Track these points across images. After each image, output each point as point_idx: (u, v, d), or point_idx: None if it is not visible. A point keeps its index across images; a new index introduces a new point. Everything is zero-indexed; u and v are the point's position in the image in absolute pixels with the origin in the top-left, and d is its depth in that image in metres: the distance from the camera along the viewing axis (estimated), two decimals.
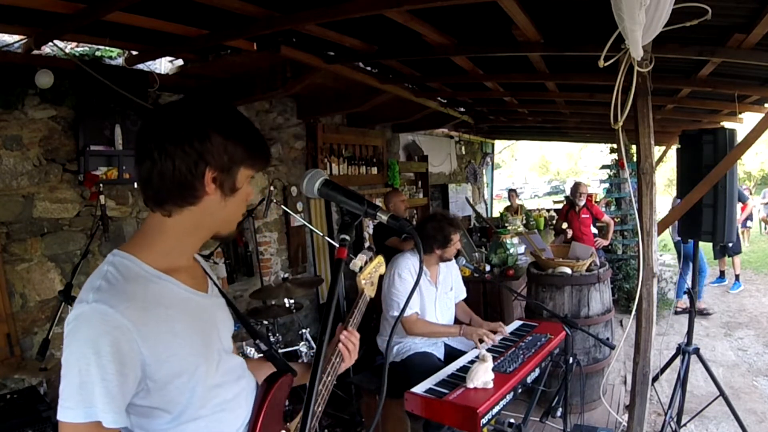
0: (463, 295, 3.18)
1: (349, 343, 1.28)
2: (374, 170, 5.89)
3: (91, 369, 0.83)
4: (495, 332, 2.77)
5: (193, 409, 0.98)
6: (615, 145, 6.79)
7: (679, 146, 3.00)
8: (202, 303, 1.04)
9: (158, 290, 0.95)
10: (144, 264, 0.95)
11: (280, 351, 3.03)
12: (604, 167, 7.24)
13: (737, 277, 7.17)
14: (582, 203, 5.78)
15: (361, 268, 1.48)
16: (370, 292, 1.48)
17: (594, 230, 5.98)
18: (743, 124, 4.35)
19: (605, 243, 5.92)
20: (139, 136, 0.98)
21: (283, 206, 3.89)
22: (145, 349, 0.88)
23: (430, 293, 2.91)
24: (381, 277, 1.58)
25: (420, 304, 2.85)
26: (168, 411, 0.95)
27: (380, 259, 1.59)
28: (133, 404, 0.91)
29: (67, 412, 0.83)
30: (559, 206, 8.31)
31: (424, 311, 2.87)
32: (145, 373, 0.90)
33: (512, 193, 8.25)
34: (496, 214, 10.22)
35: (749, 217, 8.74)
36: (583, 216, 5.77)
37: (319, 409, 1.15)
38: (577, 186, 5.90)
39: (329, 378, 1.21)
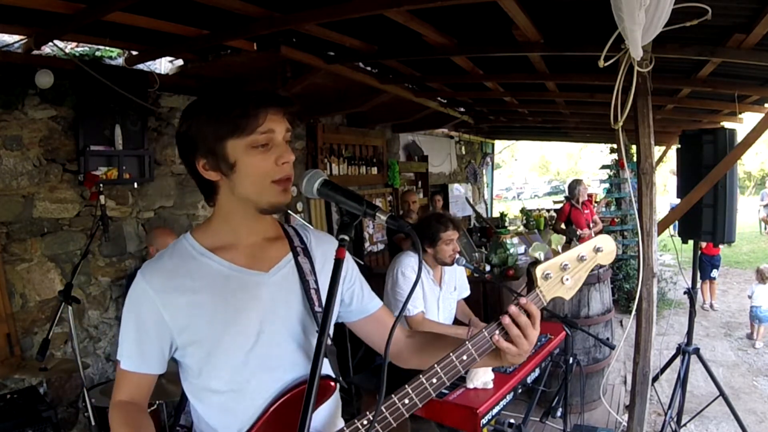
0: (467, 292, 3.16)
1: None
2: (374, 170, 5.89)
3: (124, 322, 1.05)
4: None
5: (208, 380, 1.03)
6: (615, 145, 6.78)
7: (679, 146, 3.00)
8: (249, 281, 1.04)
9: (195, 265, 1.04)
10: (195, 242, 1.07)
11: None
12: (604, 167, 7.23)
13: None
14: (584, 199, 5.75)
15: None
16: None
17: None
18: (743, 124, 4.34)
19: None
20: None
21: None
22: (166, 314, 1.00)
23: (434, 293, 2.90)
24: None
25: (423, 304, 2.84)
26: (191, 371, 1.05)
27: None
28: (174, 358, 1.07)
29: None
30: (560, 206, 8.25)
31: (427, 311, 2.86)
32: (171, 336, 1.02)
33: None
34: (496, 213, 10.21)
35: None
36: (585, 212, 5.74)
37: None
38: (578, 182, 5.86)
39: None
